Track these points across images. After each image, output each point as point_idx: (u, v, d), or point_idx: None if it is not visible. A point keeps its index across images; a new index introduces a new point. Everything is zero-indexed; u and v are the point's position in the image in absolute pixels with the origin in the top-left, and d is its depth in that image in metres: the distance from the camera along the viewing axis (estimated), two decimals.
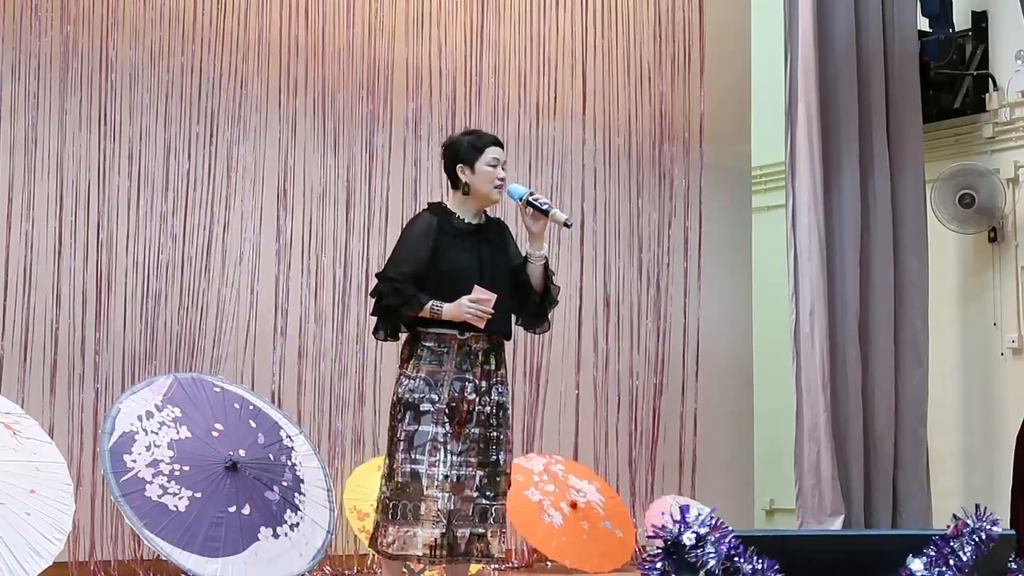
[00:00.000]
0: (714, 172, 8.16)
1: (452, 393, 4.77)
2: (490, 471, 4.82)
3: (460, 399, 4.78)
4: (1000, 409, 8.20)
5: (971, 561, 3.47)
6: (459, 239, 4.85)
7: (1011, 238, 8.27)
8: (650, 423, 7.73)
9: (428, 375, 4.79)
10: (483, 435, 4.81)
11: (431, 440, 4.73)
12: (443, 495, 4.71)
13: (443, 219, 4.87)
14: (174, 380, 5.63)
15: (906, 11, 8.15)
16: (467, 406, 4.78)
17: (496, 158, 4.87)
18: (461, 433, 4.77)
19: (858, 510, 7.62)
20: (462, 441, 4.77)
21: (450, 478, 4.72)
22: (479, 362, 4.82)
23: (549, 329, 5.18)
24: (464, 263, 4.80)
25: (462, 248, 4.83)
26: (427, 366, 4.80)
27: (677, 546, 3.34)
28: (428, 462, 4.73)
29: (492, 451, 4.83)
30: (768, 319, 8.45)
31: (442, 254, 4.81)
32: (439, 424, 4.75)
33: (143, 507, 5.18)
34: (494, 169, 4.86)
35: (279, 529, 5.41)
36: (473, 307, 4.71)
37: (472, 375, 4.81)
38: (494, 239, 4.93)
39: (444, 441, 4.74)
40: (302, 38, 6.80)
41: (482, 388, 4.82)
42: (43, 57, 6.11)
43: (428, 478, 4.72)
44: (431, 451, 4.73)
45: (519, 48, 7.52)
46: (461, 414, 4.78)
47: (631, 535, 7.05)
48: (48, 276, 6.06)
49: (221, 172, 6.54)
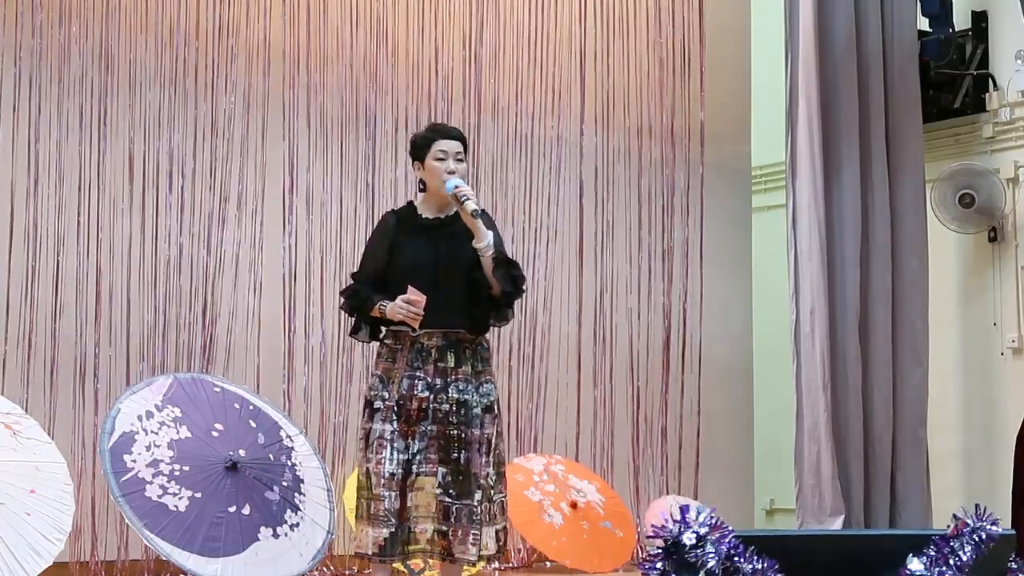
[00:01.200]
0: (714, 172, 8.15)
1: (401, 390, 4.77)
2: (453, 469, 4.76)
3: (409, 396, 4.76)
4: (1000, 409, 8.20)
5: (971, 561, 3.47)
6: (417, 235, 4.86)
7: (1011, 238, 8.27)
8: (650, 423, 7.72)
9: (383, 372, 4.84)
10: (442, 432, 4.77)
11: (379, 438, 4.76)
12: (390, 494, 4.70)
13: (405, 217, 4.92)
14: (174, 380, 5.62)
15: (906, 11, 8.15)
16: (418, 403, 4.76)
17: (444, 151, 4.85)
18: (414, 431, 4.75)
19: (858, 510, 7.62)
20: (419, 439, 4.75)
21: (396, 476, 4.71)
22: (432, 359, 4.79)
23: (508, 322, 5.11)
24: (418, 259, 4.81)
25: (419, 244, 4.84)
26: (384, 363, 4.85)
27: (677, 546, 3.34)
28: (375, 460, 4.74)
29: (453, 449, 4.77)
30: (768, 319, 8.45)
31: (400, 251, 4.84)
32: (388, 421, 4.76)
33: (143, 507, 5.18)
34: (440, 163, 4.84)
35: (279, 529, 5.41)
36: (404, 308, 4.70)
37: (424, 372, 4.79)
38: (458, 232, 4.86)
39: (391, 439, 4.74)
40: (303, 39, 6.79)
41: (436, 385, 4.78)
42: (44, 57, 6.11)
43: (376, 476, 4.73)
44: (378, 448, 4.75)
45: (519, 48, 7.52)
46: (410, 411, 4.76)
47: (631, 535, 7.05)
48: (50, 276, 6.06)
49: (224, 173, 6.54)
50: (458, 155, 4.88)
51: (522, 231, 7.46)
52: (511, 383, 7.26)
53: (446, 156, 4.85)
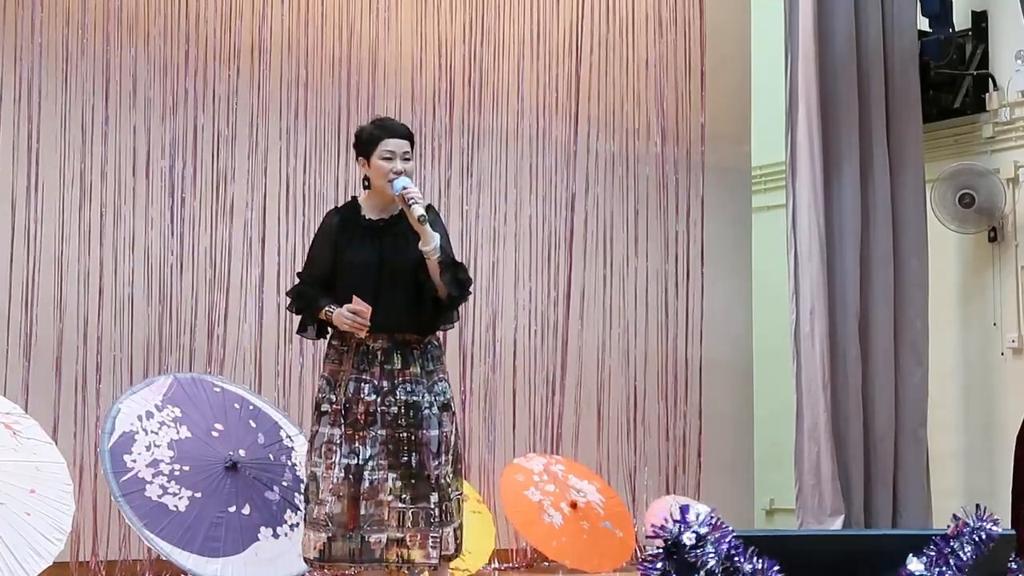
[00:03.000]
0: (714, 172, 8.15)
1: (348, 393, 4.69)
2: (403, 473, 4.65)
3: (356, 400, 4.68)
4: (1000, 409, 8.19)
5: (971, 561, 3.47)
6: (361, 236, 4.76)
7: (1011, 238, 8.26)
8: (650, 423, 7.72)
9: (330, 374, 4.77)
10: (391, 436, 4.66)
11: (326, 443, 4.68)
12: (331, 498, 4.63)
13: (348, 216, 4.81)
14: (174, 380, 5.62)
15: (906, 11, 8.15)
16: (364, 407, 4.67)
17: (391, 151, 4.72)
18: (363, 436, 4.65)
19: (858, 510, 7.62)
20: (370, 444, 4.65)
21: (340, 481, 4.63)
22: (378, 361, 4.70)
23: (453, 325, 5.04)
24: (362, 260, 4.72)
25: (363, 245, 4.75)
26: (330, 364, 4.79)
27: (677, 546, 3.34)
28: (325, 464, 4.67)
29: (403, 453, 4.67)
30: (768, 319, 8.45)
31: (343, 251, 4.75)
32: (335, 425, 4.69)
33: (143, 507, 5.18)
34: (387, 163, 4.71)
35: (279, 529, 5.41)
36: (350, 318, 4.64)
37: (370, 375, 4.70)
38: (402, 233, 4.74)
39: (339, 443, 4.67)
40: (303, 39, 6.80)
41: (383, 388, 4.69)
42: (45, 58, 6.11)
43: (323, 480, 4.66)
44: (326, 453, 4.68)
45: (519, 48, 7.52)
46: (356, 415, 4.67)
47: (631, 535, 7.05)
48: (51, 277, 6.06)
49: (225, 173, 6.54)
50: (405, 154, 4.74)
51: (521, 230, 7.46)
52: (511, 383, 7.27)
53: (393, 156, 4.72)
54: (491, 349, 7.27)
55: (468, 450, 7.06)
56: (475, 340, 7.19)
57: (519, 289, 7.41)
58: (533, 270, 7.46)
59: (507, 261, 7.40)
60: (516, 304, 7.39)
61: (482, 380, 7.22)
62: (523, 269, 7.44)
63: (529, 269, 7.46)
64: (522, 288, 7.42)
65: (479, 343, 7.22)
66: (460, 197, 7.26)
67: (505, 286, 7.37)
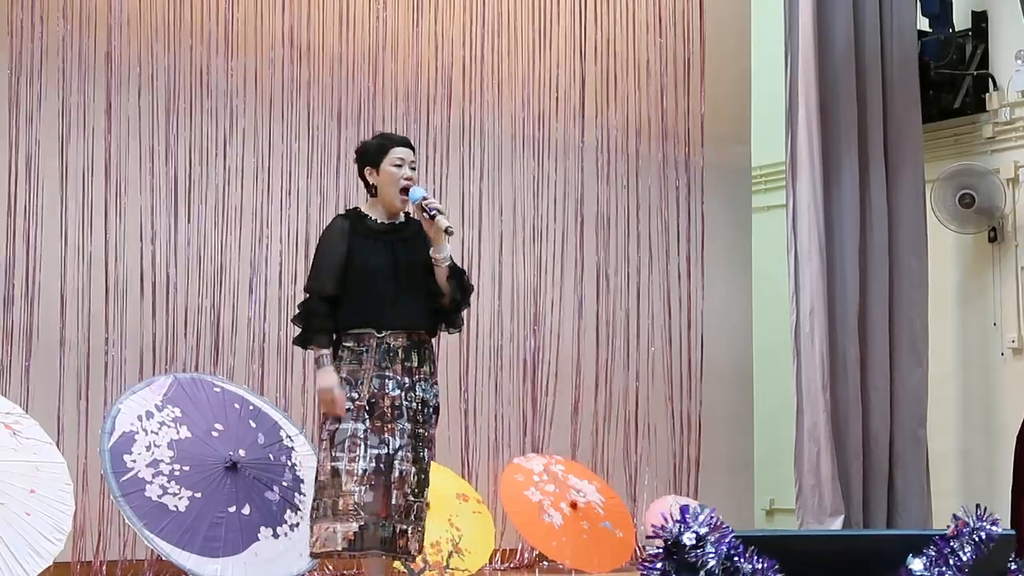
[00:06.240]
0: (714, 172, 8.15)
1: (372, 389, 4.85)
2: (419, 468, 4.88)
3: (381, 395, 4.85)
4: (1000, 409, 8.20)
5: (971, 561, 3.47)
6: (372, 239, 4.93)
7: (1011, 238, 8.27)
8: (650, 423, 7.72)
9: (349, 375, 4.89)
10: (414, 431, 4.87)
11: (350, 436, 4.81)
12: (360, 488, 4.75)
13: (356, 221, 4.98)
14: (174, 380, 5.63)
15: (906, 11, 8.15)
16: (389, 402, 4.84)
17: (401, 158, 4.94)
18: (392, 428, 4.82)
19: (858, 510, 7.62)
20: (399, 436, 4.83)
21: (369, 472, 4.76)
22: (399, 359, 4.89)
23: (459, 329, 5.19)
24: (376, 262, 4.89)
25: (375, 247, 4.92)
26: (347, 366, 4.91)
27: (677, 546, 3.34)
28: (348, 458, 4.80)
29: (421, 448, 4.89)
30: (768, 319, 8.45)
31: (355, 254, 4.90)
32: (359, 420, 4.82)
33: (143, 507, 5.18)
34: (398, 169, 4.93)
35: (279, 529, 5.42)
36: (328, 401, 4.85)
37: (393, 372, 4.88)
38: (412, 237, 4.97)
39: (364, 436, 4.81)
40: (304, 40, 6.80)
41: (405, 384, 4.88)
42: (46, 58, 6.11)
43: (347, 473, 4.78)
44: (351, 447, 4.81)
45: (519, 48, 7.52)
46: (382, 409, 4.83)
47: (631, 535, 7.05)
48: (52, 277, 6.06)
49: (227, 173, 6.54)
50: (412, 163, 4.99)
51: (522, 230, 7.46)
52: (512, 383, 7.27)
53: (403, 163, 4.94)
54: (491, 349, 7.27)
55: (469, 450, 7.07)
56: (476, 340, 7.19)
57: (519, 289, 7.41)
58: (533, 270, 7.45)
59: (506, 261, 7.39)
60: (516, 304, 7.39)
61: (483, 380, 7.22)
62: (523, 269, 7.44)
63: (529, 269, 7.45)
64: (522, 288, 7.42)
65: (480, 343, 7.22)
66: (460, 197, 7.25)
67: (505, 286, 7.37)
